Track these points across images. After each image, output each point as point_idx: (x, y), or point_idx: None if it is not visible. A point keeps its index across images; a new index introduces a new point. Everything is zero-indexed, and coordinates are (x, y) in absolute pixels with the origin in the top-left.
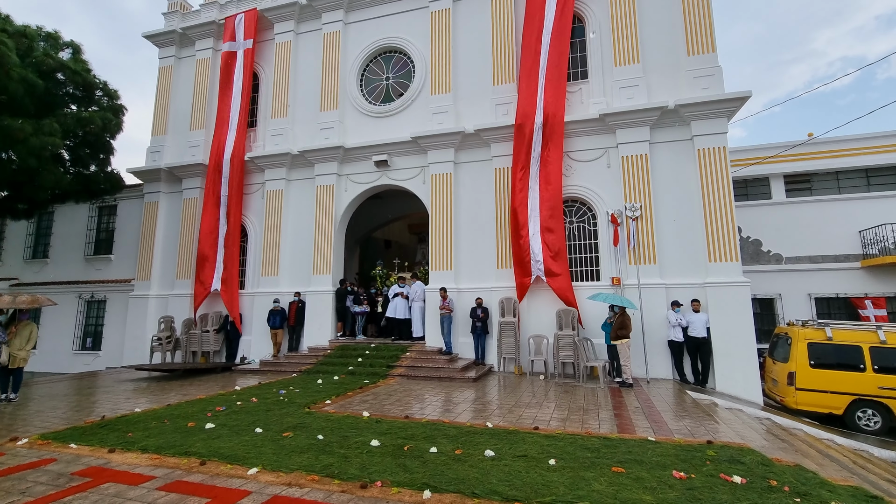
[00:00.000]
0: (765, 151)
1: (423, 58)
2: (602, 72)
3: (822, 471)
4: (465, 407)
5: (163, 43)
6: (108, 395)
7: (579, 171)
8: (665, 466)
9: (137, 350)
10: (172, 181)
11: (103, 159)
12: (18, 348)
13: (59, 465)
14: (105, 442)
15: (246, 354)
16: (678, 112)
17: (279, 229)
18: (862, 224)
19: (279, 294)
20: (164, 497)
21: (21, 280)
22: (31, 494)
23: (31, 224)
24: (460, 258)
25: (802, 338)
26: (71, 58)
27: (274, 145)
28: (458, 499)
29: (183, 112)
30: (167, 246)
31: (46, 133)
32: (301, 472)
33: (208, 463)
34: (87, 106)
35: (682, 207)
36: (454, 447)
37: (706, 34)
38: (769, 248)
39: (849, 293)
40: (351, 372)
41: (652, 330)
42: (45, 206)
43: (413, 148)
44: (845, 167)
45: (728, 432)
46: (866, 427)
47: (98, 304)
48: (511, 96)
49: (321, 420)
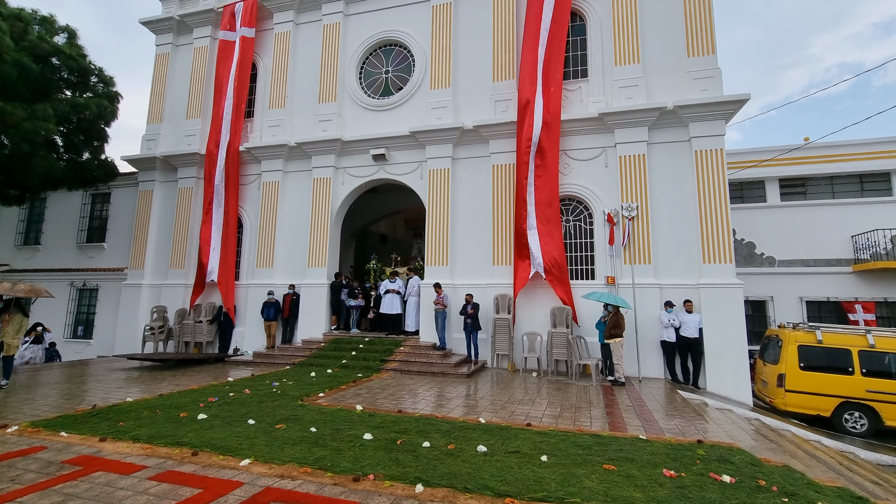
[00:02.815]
0: (761, 155)
1: (424, 52)
2: (602, 71)
3: (810, 471)
4: (458, 402)
5: (160, 30)
6: (100, 383)
7: (577, 169)
8: (656, 465)
9: (129, 339)
10: (168, 170)
11: (97, 146)
12: (11, 336)
13: (50, 452)
14: (96, 430)
15: (239, 346)
16: (677, 113)
17: (275, 221)
18: (855, 229)
19: (274, 286)
20: (156, 487)
21: (12, 266)
22: (21, 482)
23: (22, 210)
24: (456, 254)
25: (793, 340)
26: (66, 42)
27: (271, 136)
28: (450, 493)
29: (179, 100)
30: (161, 235)
31: (40, 118)
32: (293, 465)
33: (200, 453)
34: (81, 92)
35: (677, 208)
36: (447, 442)
37: (707, 35)
38: (762, 250)
39: (839, 297)
40: (344, 365)
41: (645, 329)
42: (37, 192)
43: (411, 142)
44: (840, 172)
45: (718, 432)
46: (853, 429)
47: (90, 293)
48: (511, 93)
49: (314, 413)
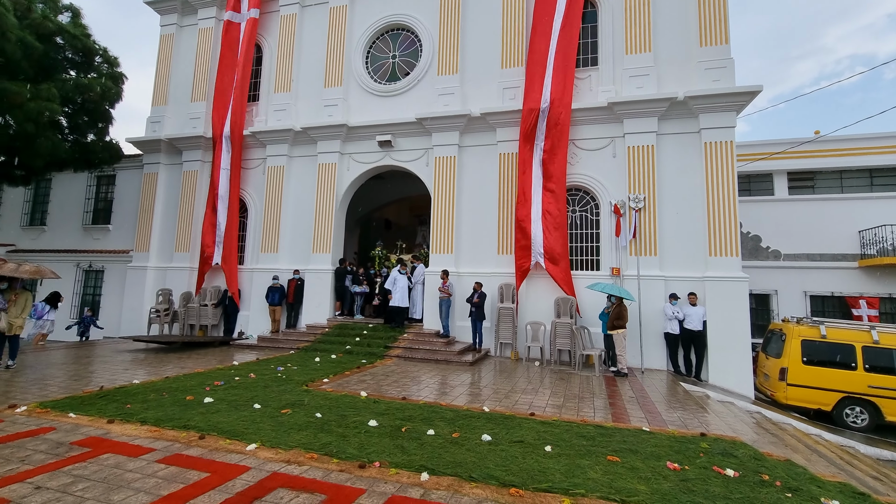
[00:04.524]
0: (770, 147)
1: (431, 37)
2: (612, 59)
3: (811, 466)
4: (462, 390)
5: (164, 10)
6: (106, 365)
7: (584, 159)
8: (659, 457)
9: (135, 321)
10: (172, 153)
11: (102, 128)
12: (15, 316)
13: (59, 433)
14: (104, 412)
15: (244, 330)
16: (687, 104)
17: (280, 206)
18: (862, 224)
19: (278, 271)
20: (164, 470)
21: (18, 247)
22: (31, 462)
23: (28, 191)
24: (461, 242)
25: (797, 335)
26: (70, 22)
27: (276, 120)
28: (455, 482)
29: (184, 82)
30: (166, 218)
31: (44, 98)
32: (300, 450)
33: (207, 437)
34: (86, 72)
35: (685, 200)
36: (451, 430)
37: (720, 25)
38: (768, 244)
39: (844, 292)
40: (349, 351)
41: (648, 321)
42: (42, 173)
43: (417, 129)
44: (849, 166)
45: (720, 425)
46: (854, 424)
47: (96, 274)
48: (519, 80)
49: (319, 398)
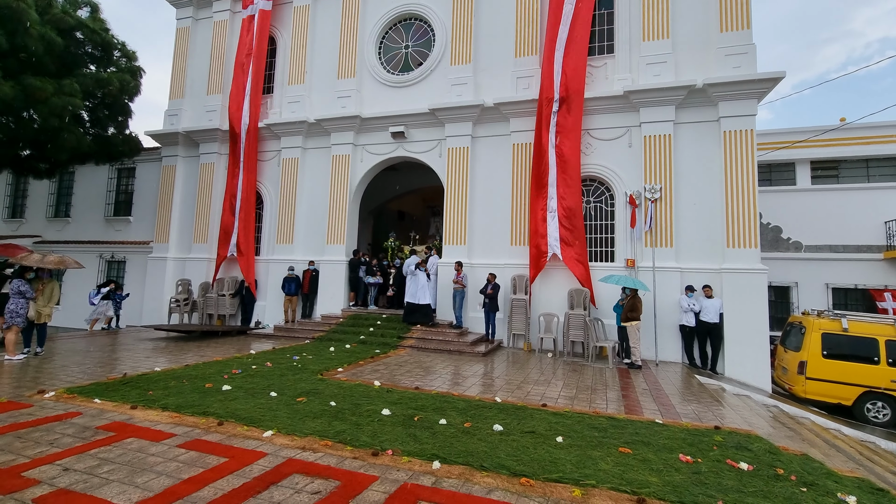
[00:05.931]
0: (792, 136)
1: (444, 26)
2: (629, 46)
3: (829, 461)
4: (475, 381)
5: (180, 3)
6: (129, 352)
7: (599, 149)
8: (672, 449)
9: (156, 311)
10: (190, 145)
11: (122, 121)
12: (43, 305)
13: (85, 418)
14: (127, 398)
15: (260, 319)
16: (706, 91)
17: (294, 198)
18: (889, 214)
19: (293, 262)
20: (185, 454)
21: (44, 238)
22: (59, 446)
23: (52, 183)
24: (474, 233)
25: (817, 328)
26: (89, 16)
27: (290, 112)
28: (466, 471)
29: (200, 75)
30: (184, 210)
31: (67, 93)
32: (314, 437)
33: (226, 424)
34: (105, 67)
35: (702, 191)
36: (463, 420)
37: (742, 9)
38: (789, 235)
39: (868, 284)
40: (362, 341)
41: (664, 313)
42: (65, 166)
43: (430, 120)
44: (876, 155)
45: (735, 418)
46: (875, 419)
47: (118, 265)
48: (533, 69)
49: (333, 387)
